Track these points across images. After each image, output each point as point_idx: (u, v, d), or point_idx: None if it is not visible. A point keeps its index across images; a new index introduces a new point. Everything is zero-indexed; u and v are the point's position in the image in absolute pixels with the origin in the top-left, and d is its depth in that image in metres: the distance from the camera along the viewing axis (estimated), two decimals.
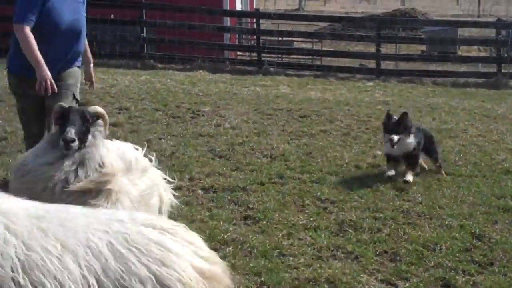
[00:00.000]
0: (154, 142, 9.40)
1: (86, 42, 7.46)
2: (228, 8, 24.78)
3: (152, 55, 21.08)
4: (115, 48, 21.12)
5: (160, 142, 9.44)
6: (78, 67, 7.16)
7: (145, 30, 21.45)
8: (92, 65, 7.52)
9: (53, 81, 6.47)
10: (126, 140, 9.32)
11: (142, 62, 20.13)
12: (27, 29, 6.45)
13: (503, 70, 19.95)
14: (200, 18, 21.77)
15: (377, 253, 6.01)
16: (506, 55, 21.21)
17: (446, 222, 6.84)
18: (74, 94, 7.04)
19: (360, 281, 5.39)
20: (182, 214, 6.59)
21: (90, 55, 7.51)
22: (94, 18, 20.95)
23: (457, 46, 26.69)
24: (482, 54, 26.90)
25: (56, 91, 6.53)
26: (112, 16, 21.58)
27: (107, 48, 21.00)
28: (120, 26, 21.39)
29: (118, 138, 9.32)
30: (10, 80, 6.94)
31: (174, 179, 7.49)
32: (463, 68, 21.89)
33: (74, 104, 6.74)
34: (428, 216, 7.04)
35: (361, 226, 6.60)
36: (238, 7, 28.20)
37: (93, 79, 7.61)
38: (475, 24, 27.29)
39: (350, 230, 6.48)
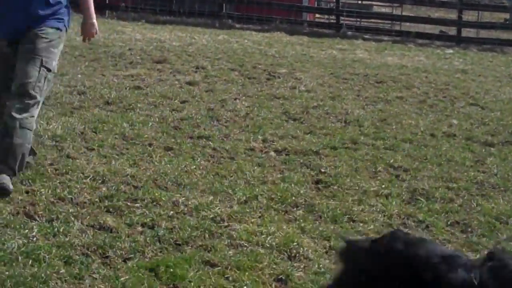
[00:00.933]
0: (229, 102, 9.43)
1: None
2: None
3: (231, 14, 21.08)
4: (194, 7, 21.19)
5: (235, 103, 9.46)
6: (58, 28, 6.15)
7: None
8: (91, 21, 6.47)
9: None
10: (201, 99, 9.41)
11: (220, 22, 20.15)
12: None
13: None
14: None
15: (449, 223, 5.95)
16: None
17: None
18: (42, 61, 5.91)
19: None
20: (254, 175, 6.62)
21: (90, 12, 6.45)
22: None
23: None
24: None
25: None
26: None
27: (186, 6, 21.11)
28: None
29: (194, 97, 9.44)
30: None
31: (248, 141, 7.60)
32: None
33: (42, 73, 5.89)
34: (502, 188, 6.93)
35: (433, 195, 6.53)
36: None
37: (88, 35, 6.63)
38: None
39: (422, 199, 6.42)
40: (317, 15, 23.97)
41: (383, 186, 6.65)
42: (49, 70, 5.96)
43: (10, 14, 5.96)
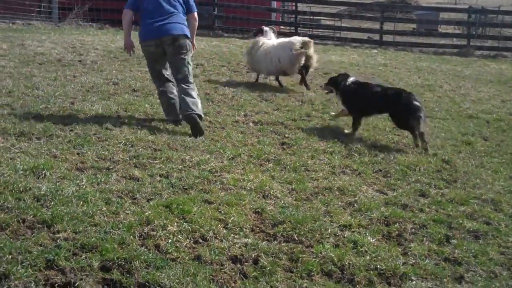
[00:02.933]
0: (220, 89, 9.37)
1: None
2: None
3: (221, 27, 20.98)
4: None
5: (224, 89, 9.40)
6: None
7: (216, 9, 21.31)
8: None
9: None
10: (200, 87, 9.34)
11: (213, 32, 20.01)
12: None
13: (471, 43, 19.60)
14: (255, 2, 21.56)
15: (374, 170, 6.00)
16: (473, 32, 21.20)
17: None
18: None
19: (361, 190, 5.40)
20: (238, 140, 6.61)
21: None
22: None
23: (439, 25, 26.18)
24: (457, 31, 26.45)
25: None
26: None
27: None
28: (199, 6, 21.23)
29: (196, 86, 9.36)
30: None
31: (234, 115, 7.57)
32: (442, 41, 21.45)
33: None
34: (411, 145, 6.97)
35: (363, 152, 6.57)
36: None
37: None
38: (452, 10, 26.89)
39: (355, 154, 6.46)
40: (281, 27, 23.83)
41: (329, 146, 6.67)
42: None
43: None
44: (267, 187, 5.19)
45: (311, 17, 24.57)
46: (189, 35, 7.07)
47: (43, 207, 4.35)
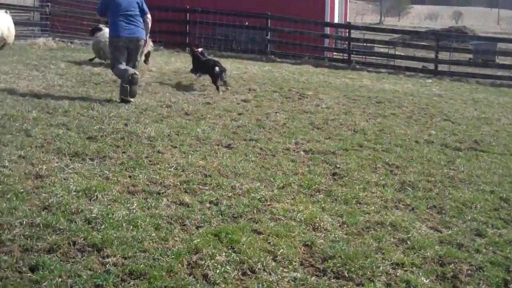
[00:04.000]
0: (272, 115, 9.36)
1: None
2: (328, 21, 24.47)
3: (273, 52, 21.06)
4: (248, 46, 21.19)
5: (276, 115, 9.39)
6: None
7: (269, 34, 21.43)
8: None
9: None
10: (252, 112, 9.35)
11: (266, 57, 20.10)
12: None
13: None
14: (308, 27, 21.61)
15: (428, 206, 5.83)
16: None
17: (481, 187, 6.57)
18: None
19: (415, 226, 5.25)
20: (289, 168, 6.55)
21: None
22: (234, 24, 21.16)
23: (496, 56, 25.64)
24: None
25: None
26: (246, 23, 21.63)
27: (242, 45, 21.12)
28: (252, 30, 21.45)
29: (247, 111, 9.39)
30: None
31: (285, 143, 7.53)
32: (499, 72, 20.96)
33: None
34: (467, 182, 6.78)
35: (417, 186, 6.41)
36: (336, 20, 27.80)
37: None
38: (511, 40, 26.25)
39: (409, 188, 6.31)
40: (334, 53, 23.77)
41: (381, 178, 6.55)
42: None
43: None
44: (317, 219, 5.11)
45: (365, 44, 24.45)
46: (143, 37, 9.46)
47: (93, 230, 4.38)
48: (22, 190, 5.00)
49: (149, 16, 9.58)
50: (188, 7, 21.71)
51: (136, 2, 9.34)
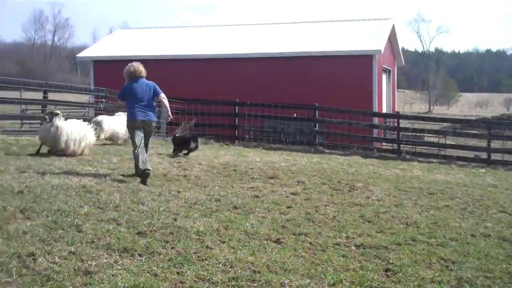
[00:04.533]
0: (322, 208, 9.27)
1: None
2: (377, 111, 24.61)
3: (322, 143, 21.21)
4: (296, 138, 21.41)
5: (326, 208, 9.29)
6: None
7: (317, 125, 21.63)
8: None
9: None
10: (301, 205, 9.30)
11: (314, 148, 20.22)
12: None
13: None
14: (356, 118, 21.74)
15: None
16: None
17: None
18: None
19: None
20: (339, 264, 6.40)
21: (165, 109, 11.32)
22: (282, 116, 21.49)
23: None
24: None
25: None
26: (294, 115, 21.95)
27: (290, 137, 21.36)
28: (300, 122, 21.72)
29: (296, 204, 9.34)
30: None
31: (335, 237, 7.40)
32: None
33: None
34: None
35: (475, 282, 6.15)
36: (384, 110, 27.95)
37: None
38: None
39: (466, 285, 6.05)
40: (383, 144, 23.75)
41: (436, 274, 6.31)
42: None
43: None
44: None
45: (414, 133, 24.38)
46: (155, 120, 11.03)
47: None
48: (70, 286, 5.01)
49: (162, 95, 10.97)
50: (237, 100, 22.22)
51: (150, 89, 10.85)
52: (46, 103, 19.88)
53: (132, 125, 10.75)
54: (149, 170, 10.31)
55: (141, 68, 10.99)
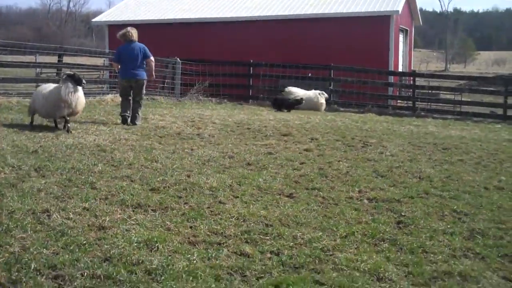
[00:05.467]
0: (335, 163, 9.24)
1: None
2: (393, 69, 24.33)
3: (336, 101, 21.11)
4: None
5: (339, 164, 9.26)
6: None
7: (332, 84, 21.47)
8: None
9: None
10: (314, 161, 9.27)
11: (328, 106, 20.12)
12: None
13: None
14: (372, 76, 21.53)
15: (499, 255, 5.53)
16: None
17: None
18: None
19: (485, 276, 4.97)
20: (352, 217, 6.40)
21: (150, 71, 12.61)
22: (297, 76, 21.33)
23: None
24: None
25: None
26: (309, 74, 21.77)
27: None
28: (315, 81, 21.55)
29: (309, 160, 9.31)
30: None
31: (348, 191, 7.38)
32: None
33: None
34: None
35: (487, 233, 6.11)
36: (400, 69, 27.64)
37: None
38: None
39: (478, 236, 6.02)
40: (398, 101, 23.53)
41: (449, 226, 6.28)
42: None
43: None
44: (382, 269, 4.92)
45: (430, 91, 24.11)
46: (145, 78, 12.36)
47: (153, 281, 4.36)
48: (84, 241, 5.05)
49: (151, 58, 12.31)
50: (252, 61, 22.06)
51: (140, 51, 12.13)
52: (61, 66, 19.88)
53: (121, 82, 12.43)
54: (126, 115, 12.10)
55: (132, 32, 12.27)
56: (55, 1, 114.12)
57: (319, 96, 19.74)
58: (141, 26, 28.10)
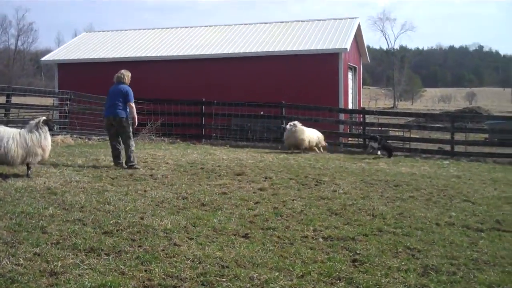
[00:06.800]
0: (289, 202, 9.29)
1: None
2: (343, 107, 24.78)
3: None
4: (263, 135, 21.43)
5: (293, 202, 9.32)
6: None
7: (284, 122, 21.70)
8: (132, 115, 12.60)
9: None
10: (269, 201, 9.30)
11: (281, 145, 20.26)
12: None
13: None
14: (323, 113, 21.86)
15: None
16: None
17: (507, 269, 6.36)
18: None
19: None
20: (307, 256, 6.42)
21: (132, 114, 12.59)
22: (250, 114, 21.49)
23: None
24: None
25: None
26: (261, 113, 21.97)
27: (257, 135, 21.36)
28: (267, 120, 21.75)
29: (263, 199, 9.34)
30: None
31: (303, 230, 7.41)
32: None
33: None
34: (492, 263, 6.57)
35: (441, 269, 6.22)
36: (350, 106, 28.17)
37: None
38: None
39: (432, 273, 6.11)
40: (349, 139, 23.91)
41: (403, 263, 6.36)
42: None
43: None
44: None
45: (379, 128, 24.62)
46: (125, 116, 12.34)
47: None
48: None
49: (130, 103, 12.43)
50: (204, 99, 22.16)
51: (121, 94, 12.30)
52: (10, 107, 19.54)
53: (105, 121, 12.67)
54: (118, 163, 12.23)
55: (120, 75, 12.57)
56: (2, 40, 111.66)
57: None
58: (91, 65, 28.03)
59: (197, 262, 5.95)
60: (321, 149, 19.01)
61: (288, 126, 18.41)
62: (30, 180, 9.70)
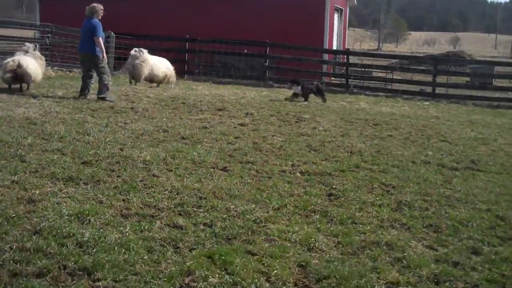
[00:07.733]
0: (269, 138, 9.31)
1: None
2: (327, 47, 24.59)
3: (271, 78, 21.15)
4: (246, 72, 21.28)
5: (273, 138, 9.34)
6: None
7: (267, 61, 21.52)
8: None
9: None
10: (249, 136, 9.31)
11: (264, 83, 20.19)
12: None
13: None
14: (307, 53, 21.69)
15: (424, 225, 5.73)
16: None
17: (478, 206, 6.48)
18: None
19: (410, 245, 5.15)
20: (284, 190, 6.48)
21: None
22: (233, 52, 21.26)
23: (493, 79, 25.72)
24: None
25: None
26: (245, 51, 21.73)
27: (241, 72, 21.23)
28: (250, 58, 21.55)
29: (244, 134, 9.34)
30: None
31: (281, 165, 7.45)
32: (497, 94, 21.03)
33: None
34: (464, 201, 6.68)
35: (414, 205, 6.32)
36: (334, 47, 27.95)
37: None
38: (508, 64, 26.36)
39: (405, 208, 6.21)
40: (332, 78, 23.82)
41: (377, 198, 6.45)
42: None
43: None
44: (313, 239, 5.02)
45: (362, 69, 24.52)
46: (94, 52, 12.10)
47: (85, 254, 4.30)
48: (13, 215, 4.92)
49: (96, 38, 12.05)
50: (187, 36, 21.83)
51: (89, 29, 12.07)
52: None
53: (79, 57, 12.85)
54: (81, 95, 12.28)
55: (90, 8, 12.29)
56: None
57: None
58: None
59: (175, 193, 5.99)
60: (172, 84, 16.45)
61: (133, 52, 15.55)
62: (9, 110, 9.59)
